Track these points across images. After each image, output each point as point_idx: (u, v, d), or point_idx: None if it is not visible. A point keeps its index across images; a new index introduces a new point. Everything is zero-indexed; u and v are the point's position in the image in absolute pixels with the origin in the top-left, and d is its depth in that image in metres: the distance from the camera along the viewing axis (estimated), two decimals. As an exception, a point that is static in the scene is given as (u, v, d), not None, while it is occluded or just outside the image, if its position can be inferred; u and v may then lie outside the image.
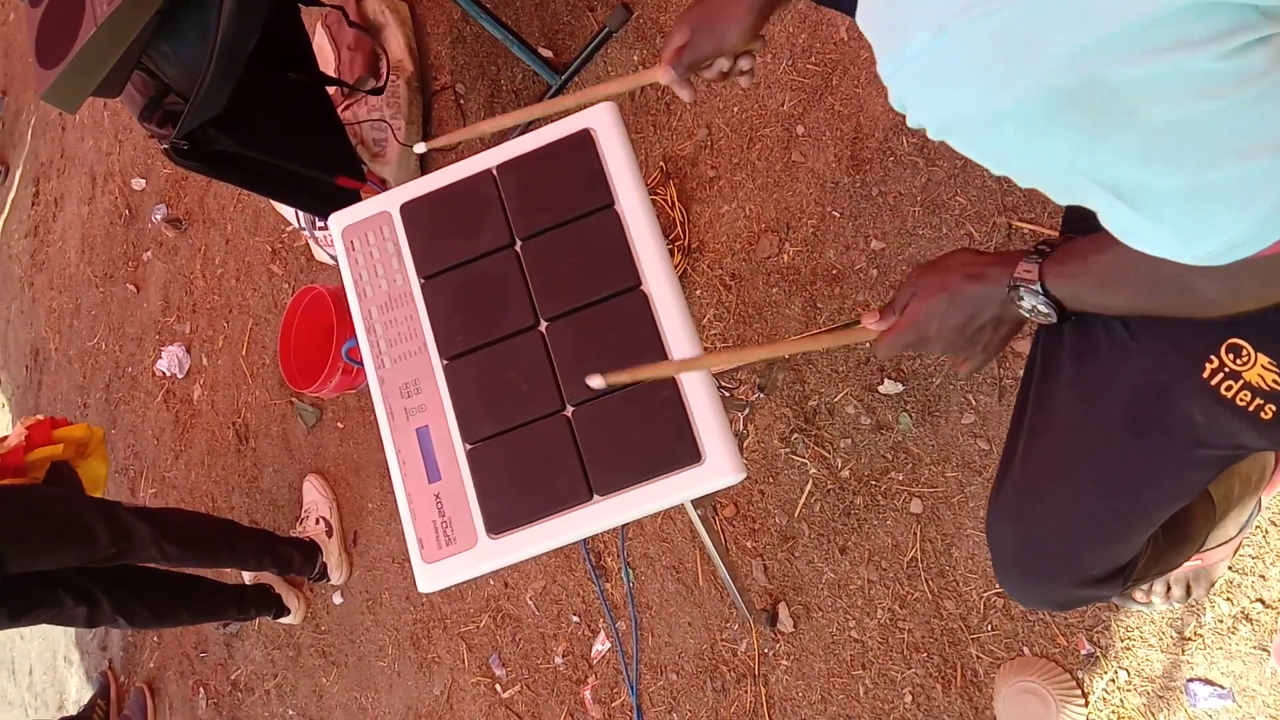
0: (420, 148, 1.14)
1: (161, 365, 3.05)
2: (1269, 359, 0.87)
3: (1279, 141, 0.57)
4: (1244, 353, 0.88)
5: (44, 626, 3.26)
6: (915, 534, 1.65)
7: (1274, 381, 0.87)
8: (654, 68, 1.11)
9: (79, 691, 3.22)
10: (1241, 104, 0.56)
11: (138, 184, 3.34)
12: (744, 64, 1.12)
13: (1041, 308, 0.88)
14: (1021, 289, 0.88)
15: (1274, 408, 0.88)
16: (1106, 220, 0.66)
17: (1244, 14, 0.53)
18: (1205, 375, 0.89)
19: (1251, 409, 0.88)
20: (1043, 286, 0.86)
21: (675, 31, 1.10)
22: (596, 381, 1.05)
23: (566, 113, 1.24)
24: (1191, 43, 0.53)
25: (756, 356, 1.09)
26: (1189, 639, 1.41)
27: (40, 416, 2.15)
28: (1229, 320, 0.88)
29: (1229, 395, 0.88)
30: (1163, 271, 0.73)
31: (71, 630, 3.32)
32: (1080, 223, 0.84)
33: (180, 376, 3.02)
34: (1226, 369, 0.88)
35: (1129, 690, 1.45)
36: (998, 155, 0.64)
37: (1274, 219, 0.60)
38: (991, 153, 0.64)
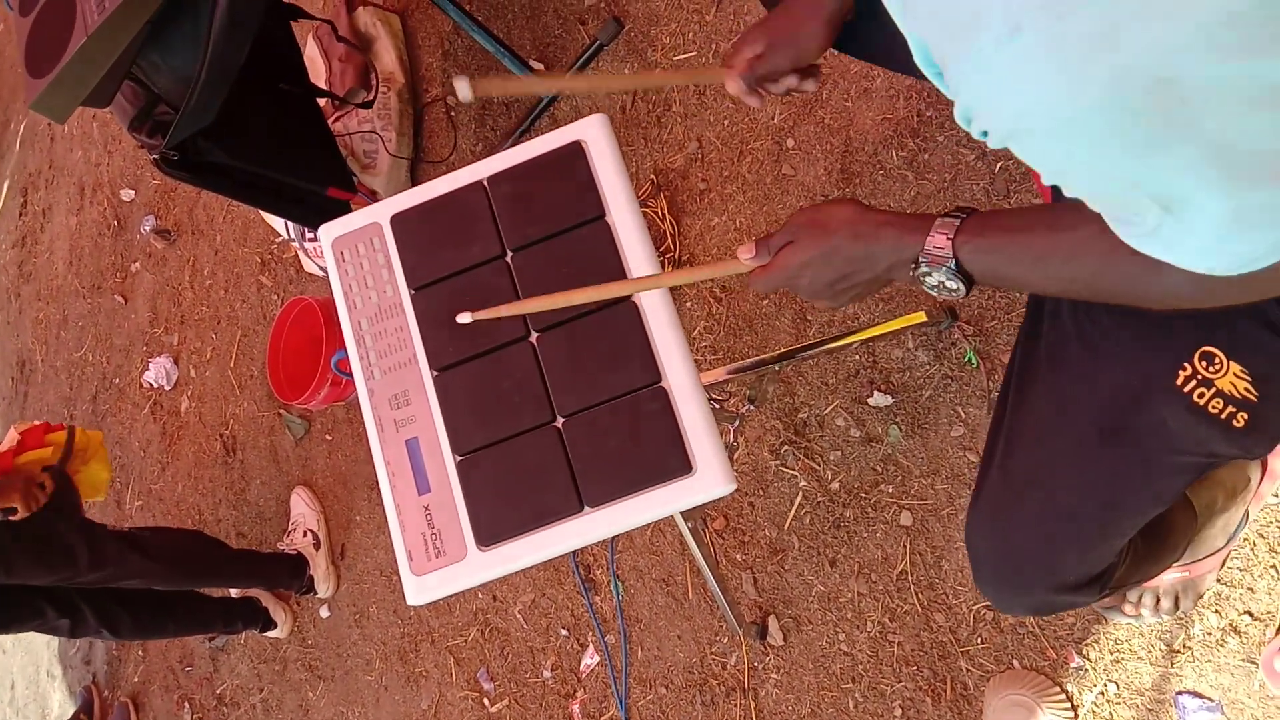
0: (464, 91, 1.06)
1: (149, 377, 3.03)
2: (1241, 367, 0.88)
3: None
4: (1216, 360, 0.88)
5: (27, 641, 3.25)
6: (905, 546, 1.65)
7: (1245, 390, 0.88)
8: (724, 70, 1.10)
9: (62, 706, 3.19)
10: None
11: (126, 195, 3.33)
12: (809, 85, 1.12)
13: (949, 283, 0.86)
14: (926, 263, 0.85)
15: (1246, 415, 0.89)
16: (1131, 225, 0.66)
17: None
18: (1178, 382, 0.89)
19: (1224, 417, 0.89)
20: (955, 260, 0.84)
21: (749, 41, 1.08)
22: (465, 318, 1.08)
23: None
24: (1266, 43, 0.53)
25: (637, 289, 1.09)
26: (1178, 652, 1.42)
27: (35, 422, 2.13)
28: (1202, 327, 0.89)
29: (1201, 402, 0.89)
30: (1122, 267, 0.73)
31: (55, 644, 3.30)
32: None
33: (168, 388, 3.00)
34: (1199, 376, 0.89)
35: (1118, 703, 1.45)
36: (1061, 161, 0.63)
37: None
38: (1055, 158, 0.63)
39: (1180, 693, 1.41)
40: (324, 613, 2.48)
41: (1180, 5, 0.53)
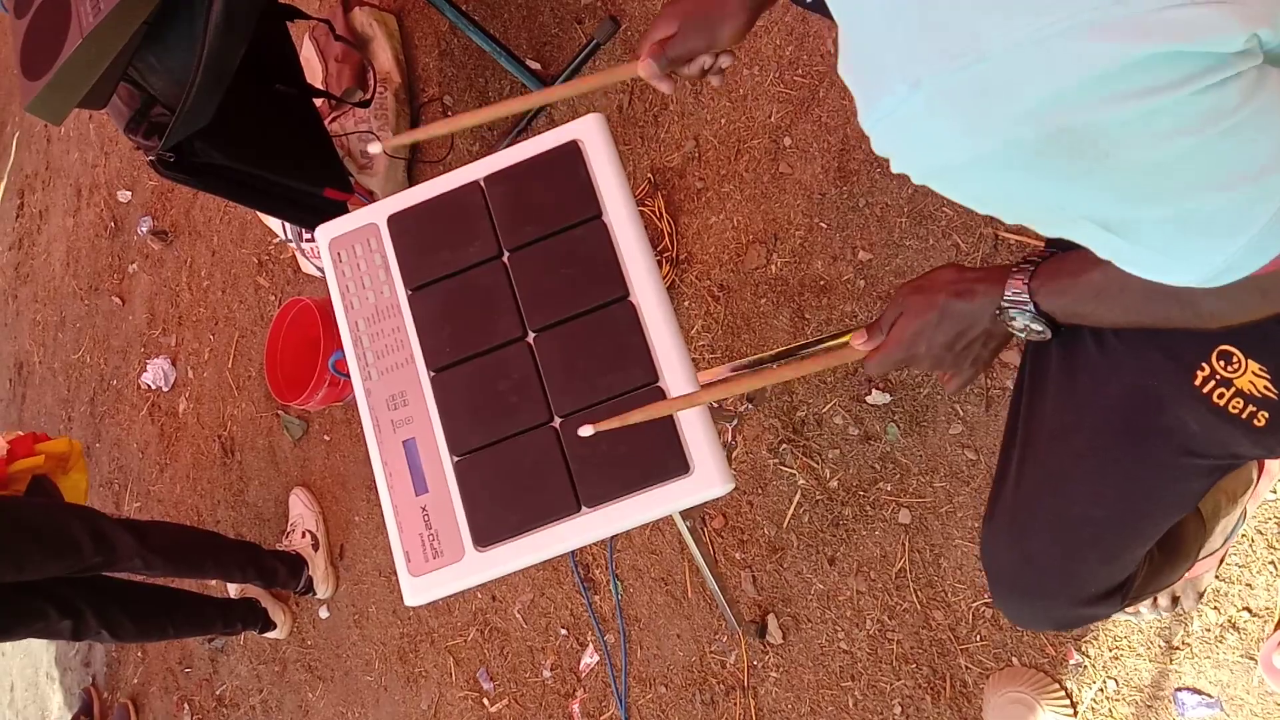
0: (375, 148, 1.08)
1: (147, 378, 3.03)
2: (1260, 365, 0.87)
3: (1259, 168, 0.57)
4: (1235, 359, 0.88)
5: (26, 643, 3.24)
6: (903, 544, 1.65)
7: (1265, 388, 0.87)
8: (633, 62, 1.07)
9: (61, 709, 3.19)
10: (1217, 138, 0.56)
11: (123, 196, 3.33)
12: (724, 61, 1.08)
13: (1035, 326, 0.87)
14: (1011, 310, 0.87)
15: (1267, 414, 0.88)
16: (1100, 250, 0.67)
17: (1211, 59, 0.54)
18: (1197, 383, 0.89)
19: (1244, 416, 0.88)
20: (1034, 305, 0.86)
21: (660, 22, 1.05)
22: (587, 431, 1.03)
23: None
24: (1160, 88, 0.54)
25: (749, 387, 1.08)
26: (1177, 648, 1.42)
27: (21, 432, 2.14)
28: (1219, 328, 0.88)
29: (1221, 403, 0.88)
30: (1162, 287, 0.73)
31: (54, 647, 3.29)
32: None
33: (165, 389, 3.00)
34: (1218, 376, 0.88)
35: (1117, 700, 1.45)
36: (980, 198, 0.64)
37: (1264, 242, 0.60)
38: (974, 196, 0.64)
39: (1179, 689, 1.41)
40: (323, 613, 2.48)
41: (1075, 58, 0.54)
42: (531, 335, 1.21)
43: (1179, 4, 0.52)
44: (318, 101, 2.20)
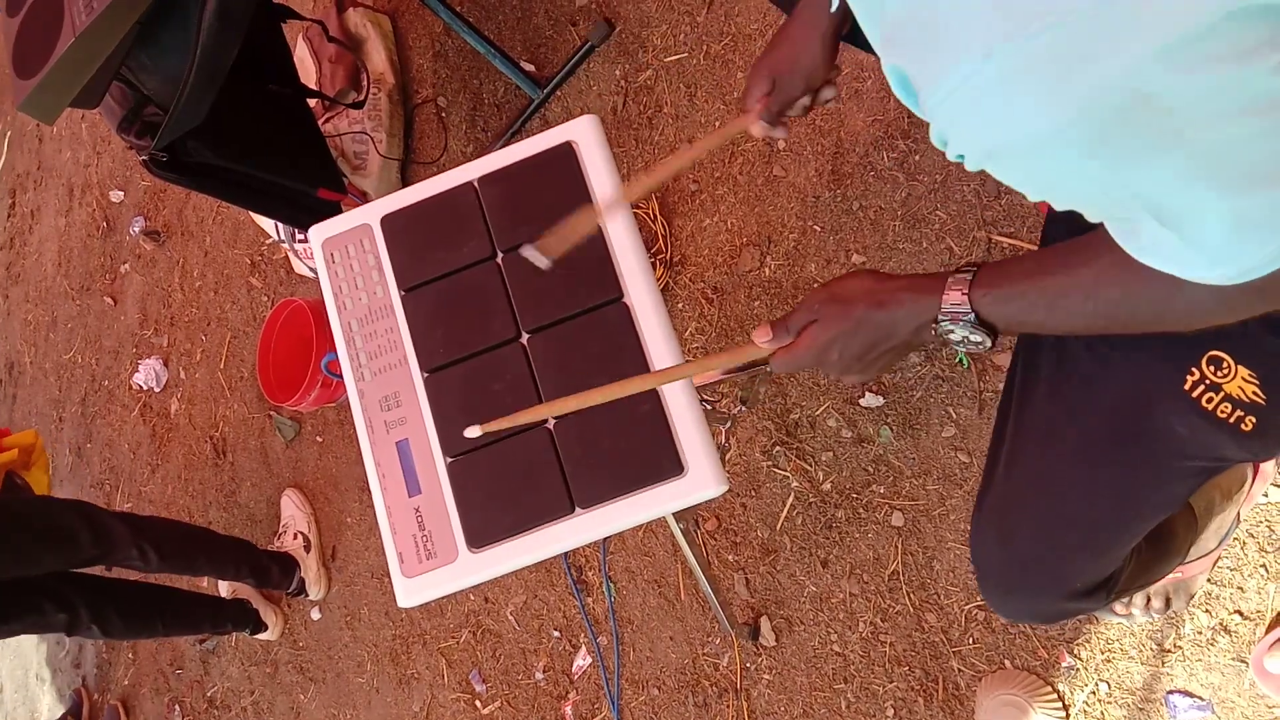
0: (543, 262, 1.04)
1: (138, 379, 3.02)
2: (1249, 371, 0.88)
3: None
4: (1224, 365, 0.88)
5: (16, 643, 3.23)
6: (896, 547, 1.65)
7: (1254, 393, 0.88)
8: (743, 118, 1.10)
9: (51, 710, 3.18)
10: None
11: (116, 196, 3.32)
12: (827, 94, 1.12)
13: (973, 337, 0.85)
14: (947, 321, 0.85)
15: (1254, 419, 0.89)
16: (1130, 236, 0.66)
17: None
18: (1186, 387, 0.89)
19: (1232, 421, 0.89)
20: (975, 314, 0.83)
21: (755, 81, 1.08)
22: (474, 432, 1.00)
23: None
24: (1241, 53, 0.53)
25: (656, 383, 1.07)
26: (1169, 651, 1.42)
27: None
28: (1210, 332, 0.88)
29: (1210, 407, 0.89)
30: (1143, 293, 0.73)
31: (44, 647, 3.28)
32: (1065, 237, 0.84)
33: (157, 390, 2.99)
34: (1207, 381, 0.89)
35: (1109, 702, 1.46)
36: (1043, 179, 0.63)
37: None
38: (1036, 177, 0.63)
39: (1171, 692, 1.41)
40: (315, 615, 2.47)
41: (1150, 21, 0.53)
42: (525, 336, 1.20)
43: None
44: (311, 102, 2.20)
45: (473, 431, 1.00)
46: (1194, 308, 0.72)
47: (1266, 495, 1.38)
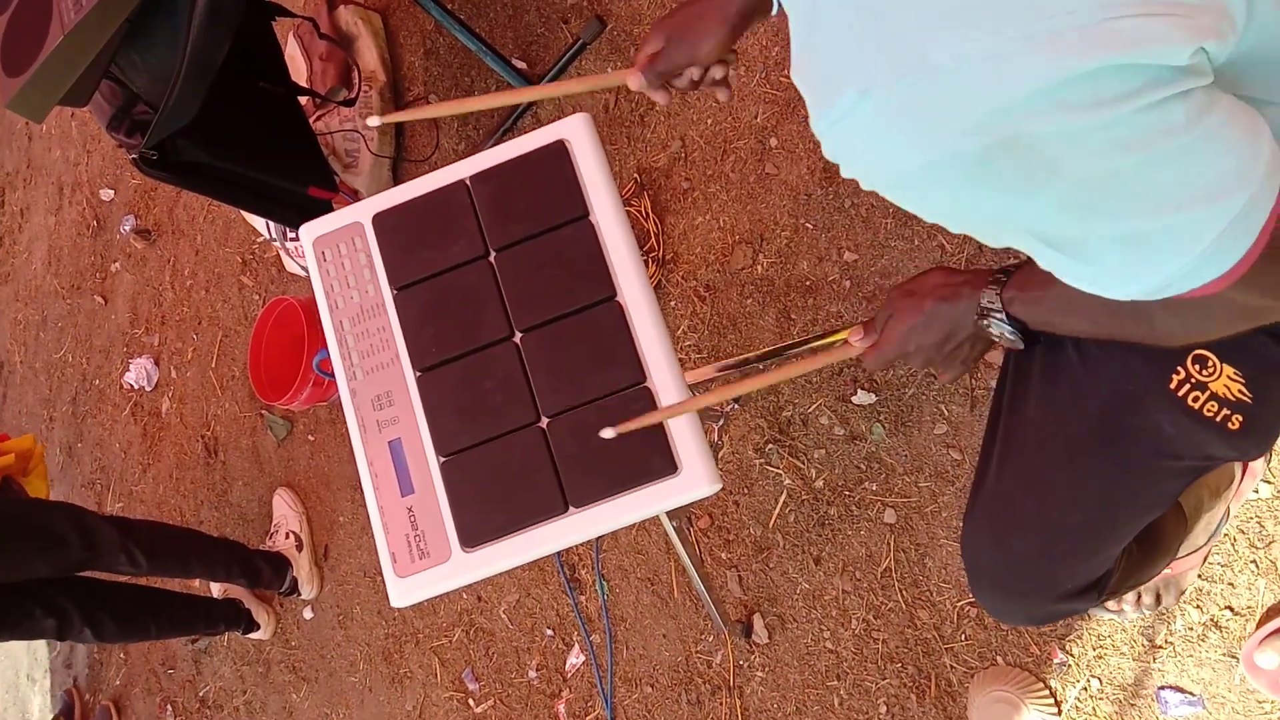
0: (374, 121, 1.09)
1: (129, 378, 3.01)
2: (1234, 370, 0.89)
3: (1210, 190, 0.58)
4: (1210, 364, 0.89)
5: (7, 644, 3.21)
6: (889, 544, 1.66)
7: (1239, 392, 0.89)
8: (625, 70, 1.10)
9: (42, 711, 3.17)
10: (1166, 156, 0.57)
11: (106, 195, 3.30)
12: (717, 73, 1.11)
13: (1009, 334, 0.90)
14: (989, 317, 0.90)
15: (1241, 418, 0.90)
16: (1042, 263, 0.67)
17: (1158, 73, 0.55)
18: (1173, 386, 0.90)
19: (1219, 419, 0.90)
20: (1006, 313, 0.89)
21: (649, 38, 1.09)
22: (608, 433, 1.06)
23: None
24: (1105, 101, 0.54)
25: (753, 387, 1.10)
26: (1159, 647, 1.43)
27: None
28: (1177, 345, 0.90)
29: (1196, 406, 0.90)
30: (1120, 304, 0.74)
31: (35, 648, 3.27)
32: None
33: (148, 389, 2.98)
34: (1193, 380, 0.90)
35: (1101, 698, 1.46)
36: (925, 207, 0.65)
37: (1208, 261, 0.61)
38: (919, 205, 0.65)
39: (1162, 687, 1.41)
40: (307, 614, 2.47)
41: (1024, 70, 0.54)
42: (518, 335, 1.20)
43: (1126, 14, 0.53)
44: (302, 100, 2.19)
45: (608, 433, 1.05)
46: (1163, 323, 0.75)
47: (1256, 491, 1.39)
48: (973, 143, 0.57)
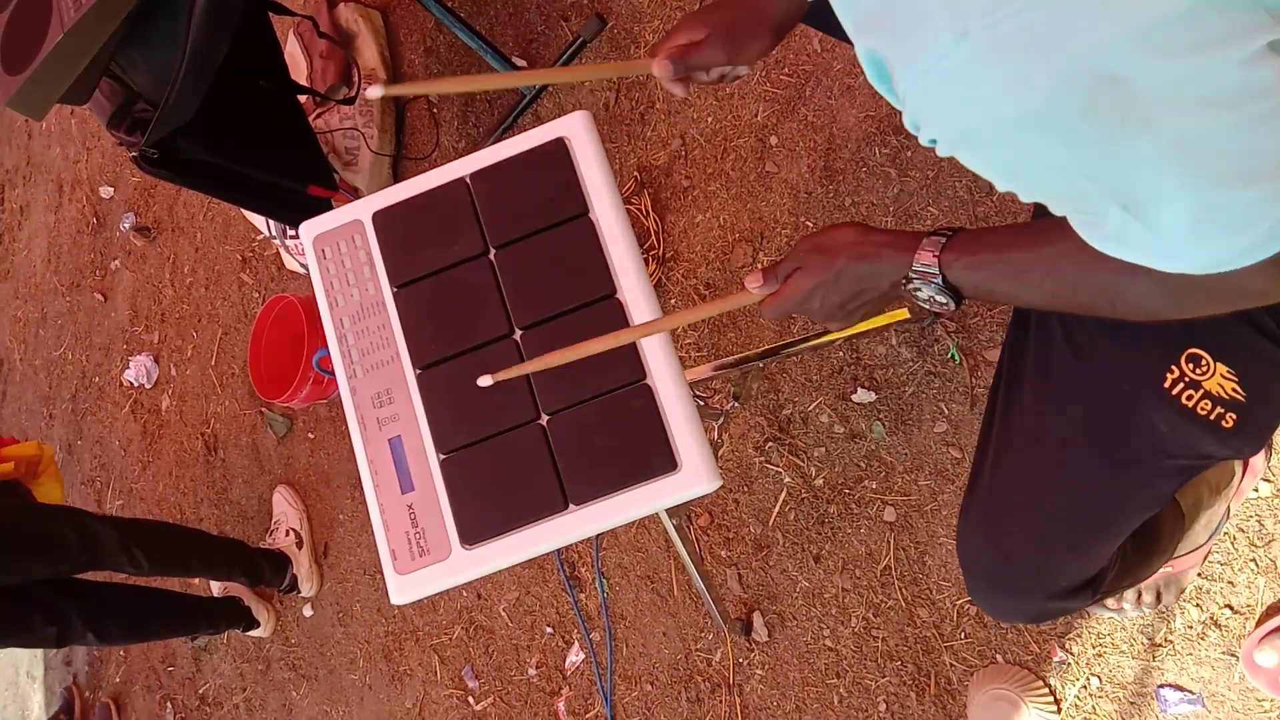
0: (376, 91, 1.04)
1: (129, 375, 3.01)
2: (1227, 368, 0.89)
3: (1277, 165, 0.58)
4: (1203, 362, 0.89)
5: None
6: (889, 542, 1.66)
7: (1233, 390, 0.89)
8: (649, 59, 1.05)
9: (42, 707, 3.17)
10: (1250, 120, 0.56)
11: (106, 192, 3.30)
12: (741, 71, 1.08)
13: (939, 297, 0.88)
14: (917, 280, 0.88)
15: (1234, 416, 0.90)
16: (1091, 226, 0.66)
17: (1256, 14, 0.54)
18: (1166, 385, 0.90)
19: (1212, 418, 0.90)
20: (942, 277, 0.86)
21: (685, 28, 1.04)
22: (485, 381, 1.03)
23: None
24: (1209, 42, 0.54)
25: (655, 330, 1.07)
26: (1159, 645, 1.43)
27: None
28: (1189, 330, 0.89)
29: (1190, 404, 0.90)
30: (1096, 276, 0.74)
31: (36, 645, 3.27)
32: None
33: (148, 387, 2.98)
34: (1187, 378, 0.90)
35: (1101, 696, 1.46)
36: (1010, 166, 0.63)
37: (1263, 243, 0.61)
38: (1004, 164, 0.63)
39: (1162, 686, 1.42)
40: (307, 612, 2.47)
41: (1123, 5, 0.53)
42: (518, 333, 1.20)
43: None
44: (302, 98, 2.19)
45: (485, 381, 1.02)
46: (1141, 298, 0.74)
47: (1256, 490, 1.39)
48: (1074, 85, 0.55)
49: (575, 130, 1.26)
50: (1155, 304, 0.74)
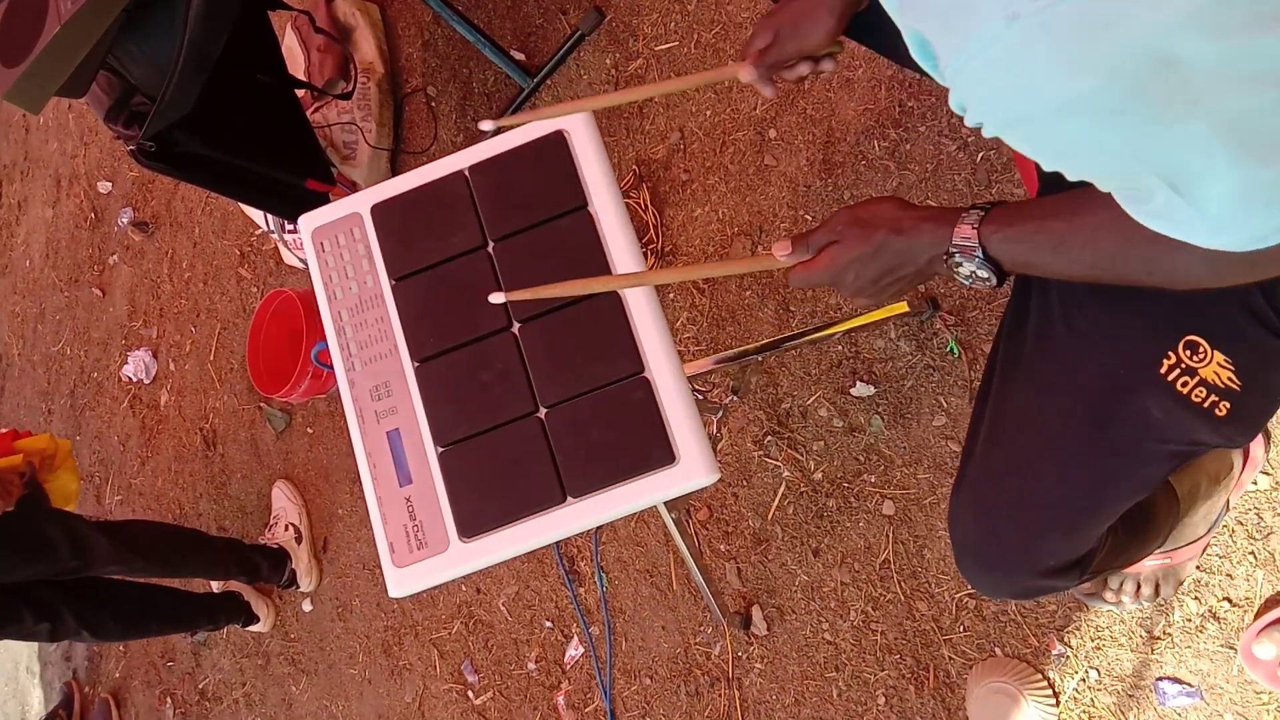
0: (488, 125, 1.12)
1: (128, 370, 3.01)
2: (1224, 356, 0.89)
3: None
4: (1201, 349, 0.89)
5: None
6: (887, 536, 1.66)
7: (1229, 379, 0.89)
8: (736, 64, 1.12)
9: (42, 704, 3.17)
10: None
11: (104, 187, 3.30)
12: (826, 66, 1.12)
13: (980, 272, 0.88)
14: (958, 255, 0.88)
15: (1228, 405, 0.90)
16: (1136, 202, 0.66)
17: None
18: (1163, 371, 0.90)
19: (1207, 405, 0.90)
20: (983, 250, 0.86)
21: (758, 33, 1.10)
22: (497, 298, 1.04)
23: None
24: (1264, 19, 0.54)
25: (670, 278, 1.09)
26: (1158, 638, 1.43)
27: (1, 429, 2.10)
28: (1187, 316, 0.89)
29: (1185, 391, 0.90)
30: (1138, 249, 0.74)
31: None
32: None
33: (147, 382, 2.98)
34: (1183, 365, 0.90)
35: (1099, 689, 1.46)
36: (1059, 147, 0.63)
37: None
38: (1053, 145, 0.63)
39: (1160, 678, 1.42)
40: (306, 606, 2.47)
41: None
42: (516, 325, 1.20)
43: None
44: (300, 92, 2.19)
45: (497, 298, 1.03)
46: (1183, 269, 0.74)
47: (1256, 483, 1.39)
48: (1127, 68, 0.55)
49: (574, 123, 1.26)
50: (1197, 274, 0.74)
